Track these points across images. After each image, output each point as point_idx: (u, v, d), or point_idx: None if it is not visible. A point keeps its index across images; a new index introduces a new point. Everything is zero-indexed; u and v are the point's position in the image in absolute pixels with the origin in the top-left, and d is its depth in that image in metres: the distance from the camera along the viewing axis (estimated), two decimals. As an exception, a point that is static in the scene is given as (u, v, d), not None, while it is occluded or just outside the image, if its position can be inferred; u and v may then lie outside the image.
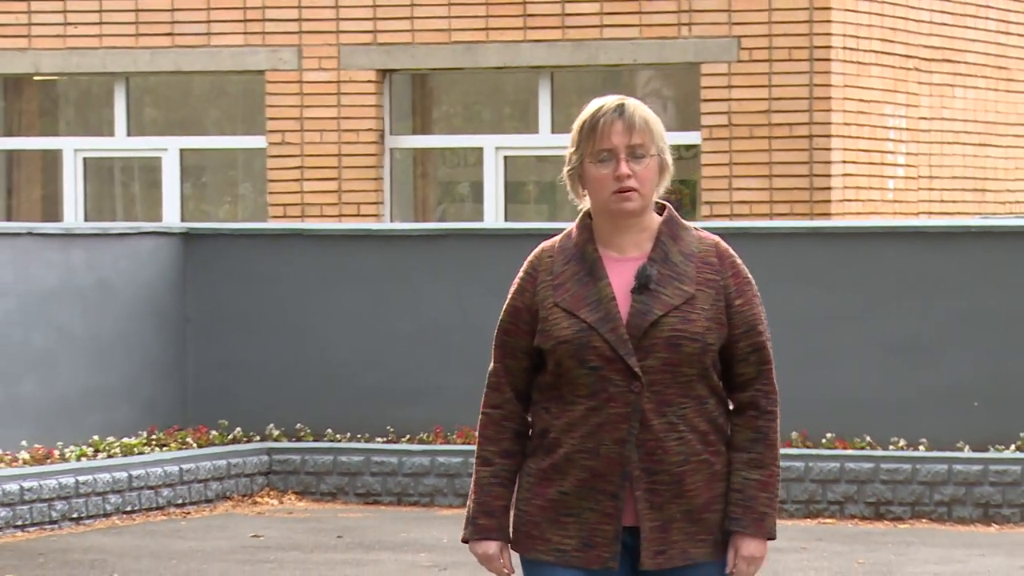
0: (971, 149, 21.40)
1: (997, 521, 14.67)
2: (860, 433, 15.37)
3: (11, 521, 14.19)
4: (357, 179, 20.39)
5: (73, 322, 15.66)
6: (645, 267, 5.15)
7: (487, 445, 5.31)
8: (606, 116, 5.16)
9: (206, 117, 21.54)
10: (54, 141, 21.60)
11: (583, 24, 19.68)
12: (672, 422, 5.13)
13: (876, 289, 15.49)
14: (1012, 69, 22.04)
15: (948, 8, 20.95)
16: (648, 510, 5.14)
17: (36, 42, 21.07)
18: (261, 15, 20.49)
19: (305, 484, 15.88)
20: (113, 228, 17.02)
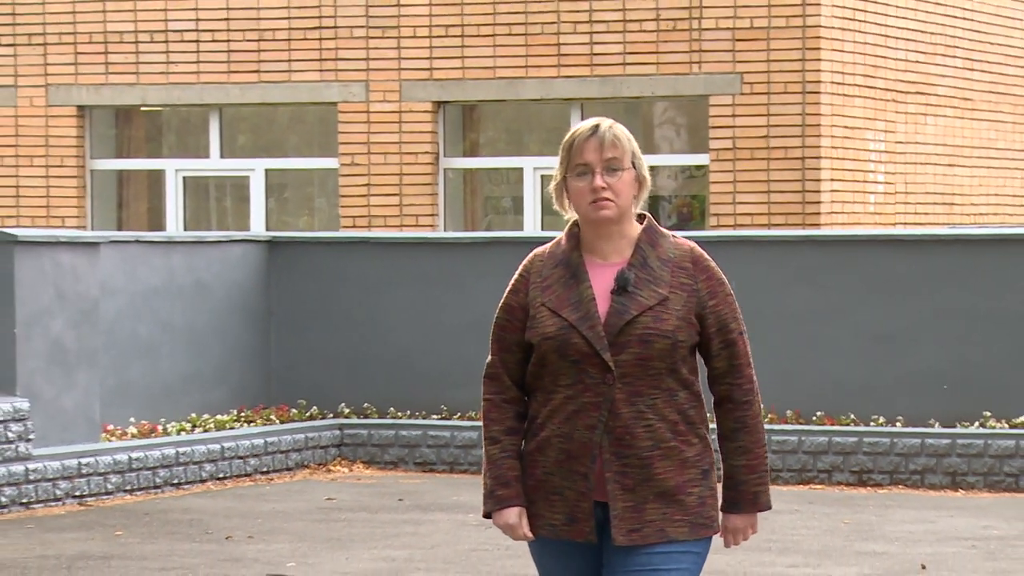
0: (941, 169, 21.32)
1: (963, 487, 14.62)
2: (845, 411, 15.35)
3: (121, 486, 14.25)
4: (415, 195, 20.40)
5: (174, 317, 15.71)
6: (624, 272, 5.07)
7: (493, 426, 5.21)
8: (581, 135, 5.08)
9: (287, 142, 21.56)
10: (158, 163, 21.61)
11: (608, 62, 19.69)
12: (641, 411, 5.04)
13: (859, 288, 15.46)
14: (975, 100, 21.93)
15: (921, 48, 20.90)
16: (619, 491, 5.04)
17: (143, 78, 21.11)
18: (334, 55, 20.50)
19: (371, 455, 15.91)
20: (208, 236, 17.06)
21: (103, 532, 12.65)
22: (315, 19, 20.56)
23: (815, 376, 15.42)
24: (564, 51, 19.74)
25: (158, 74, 21.03)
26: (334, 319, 16.32)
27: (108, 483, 14.19)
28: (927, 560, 11.44)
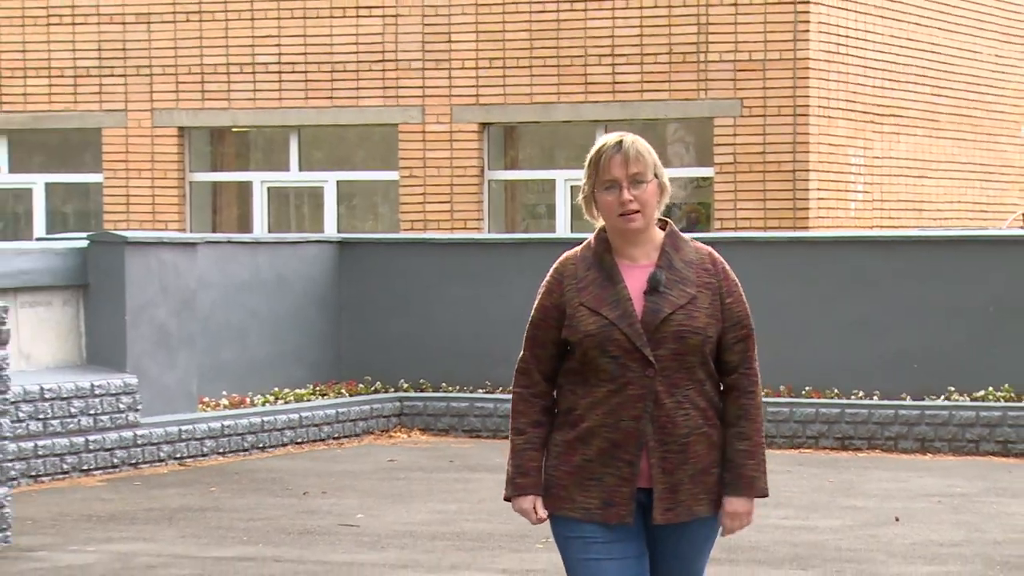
0: (911, 181, 21.28)
1: (931, 452, 14.58)
2: (830, 386, 15.34)
3: (215, 449, 14.30)
4: (464, 202, 20.41)
5: (259, 306, 15.75)
6: (656, 273, 4.86)
7: (520, 418, 4.97)
8: (607, 152, 4.86)
9: (355, 157, 21.57)
10: (246, 175, 21.67)
11: (628, 90, 19.69)
12: (679, 401, 4.83)
13: (842, 282, 15.44)
14: (941, 122, 21.87)
15: (895, 77, 20.85)
16: (661, 474, 4.83)
17: (234, 103, 21.16)
18: (395, 84, 20.52)
19: (426, 423, 15.93)
20: (288, 238, 17.11)
21: (200, 488, 12.69)
22: (379, 53, 20.58)
23: (804, 356, 15.40)
24: (590, 80, 19.73)
25: (246, 100, 21.08)
26: (394, 308, 16.33)
27: (204, 447, 14.24)
28: (900, 513, 11.42)
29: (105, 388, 13.44)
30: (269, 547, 10.28)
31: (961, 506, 11.86)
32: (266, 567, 9.65)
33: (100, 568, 9.63)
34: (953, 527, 10.96)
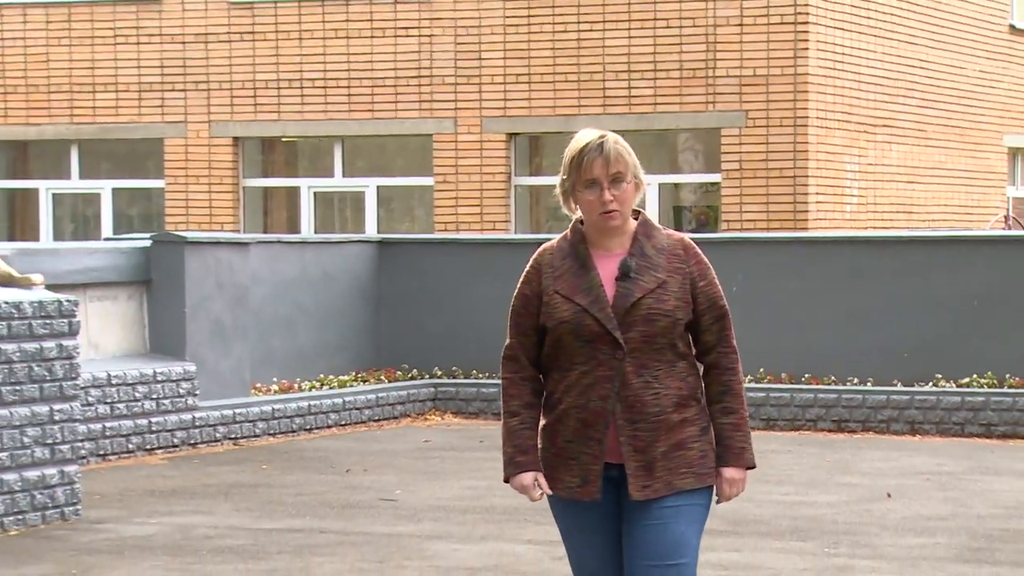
0: (902, 186, 21.26)
1: (920, 433, 14.54)
2: (827, 374, 15.27)
3: (266, 431, 14.31)
4: (493, 206, 20.41)
5: (306, 300, 15.75)
6: (626, 260, 4.72)
7: (512, 401, 4.83)
8: (590, 153, 4.68)
9: (393, 165, 21.58)
10: (294, 181, 21.68)
11: (643, 103, 19.67)
12: (648, 381, 4.67)
13: (838, 278, 15.37)
14: (929, 132, 21.84)
15: (887, 91, 20.81)
16: (632, 452, 4.67)
17: (283, 115, 21.19)
18: (430, 97, 20.52)
19: (458, 407, 15.92)
20: (332, 238, 17.10)
21: (252, 466, 12.71)
22: (415, 69, 20.59)
23: (803, 346, 15.37)
24: (608, 94, 19.71)
25: (295, 112, 21.11)
26: (429, 302, 16.32)
27: (256, 428, 14.25)
28: (892, 489, 11.40)
29: (166, 375, 13.47)
30: (315, 520, 10.30)
31: (947, 483, 11.83)
32: (312, 538, 9.66)
33: (162, 539, 9.65)
34: (940, 503, 10.94)
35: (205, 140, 21.45)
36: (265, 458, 13.16)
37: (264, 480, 12.00)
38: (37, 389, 10.05)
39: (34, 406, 10.03)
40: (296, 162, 21.95)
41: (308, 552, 9.23)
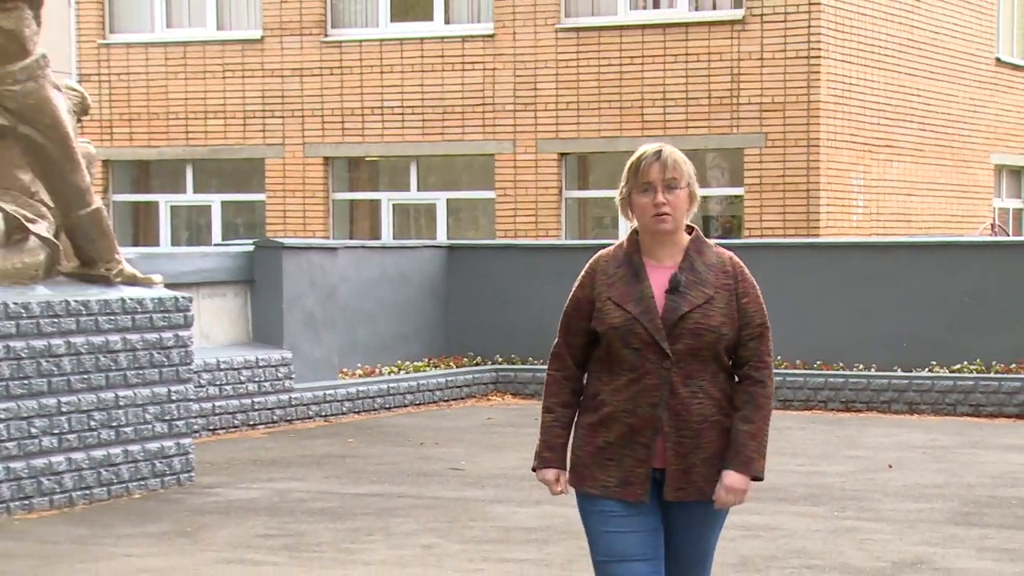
0: (901, 198, 21.17)
1: (917, 413, 14.48)
2: (836, 360, 15.23)
3: (352, 409, 14.35)
4: (546, 215, 20.41)
5: (386, 296, 15.79)
6: (676, 275, 4.32)
7: (551, 398, 4.47)
8: (647, 159, 4.35)
9: (461, 180, 21.60)
10: (376, 194, 21.74)
11: (676, 126, 19.63)
12: (693, 391, 4.29)
13: (846, 278, 15.32)
14: (926, 151, 21.74)
15: (888, 115, 20.74)
16: (674, 457, 4.30)
17: (367, 138, 21.25)
18: (493, 122, 20.55)
19: (517, 389, 15.91)
20: (408, 243, 17.15)
21: (340, 440, 12.75)
22: (479, 98, 20.61)
23: (816, 337, 15.33)
24: (646, 119, 19.69)
25: (376, 136, 21.18)
26: (491, 298, 16.32)
27: (343, 407, 14.30)
28: (893, 461, 11.36)
29: (267, 361, 13.52)
30: (394, 486, 10.32)
31: (941, 456, 11.77)
32: (391, 501, 9.68)
33: (263, 501, 9.69)
34: (935, 473, 10.89)
35: (300, 160, 21.54)
36: (351, 433, 13.20)
37: (350, 452, 12.04)
38: (157, 373, 10.11)
39: (154, 387, 10.10)
40: (377, 178, 22.01)
41: (387, 514, 9.25)
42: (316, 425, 13.74)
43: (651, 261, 4.38)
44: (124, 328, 9.90)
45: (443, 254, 16.64)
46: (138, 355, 9.97)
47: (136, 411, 9.94)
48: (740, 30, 19.36)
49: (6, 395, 9.09)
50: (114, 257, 10.18)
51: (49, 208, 9.96)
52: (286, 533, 8.62)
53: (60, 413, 9.45)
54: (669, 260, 4.38)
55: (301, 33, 21.30)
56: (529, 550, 8.07)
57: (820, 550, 8.06)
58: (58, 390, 9.44)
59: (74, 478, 9.55)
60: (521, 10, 20.27)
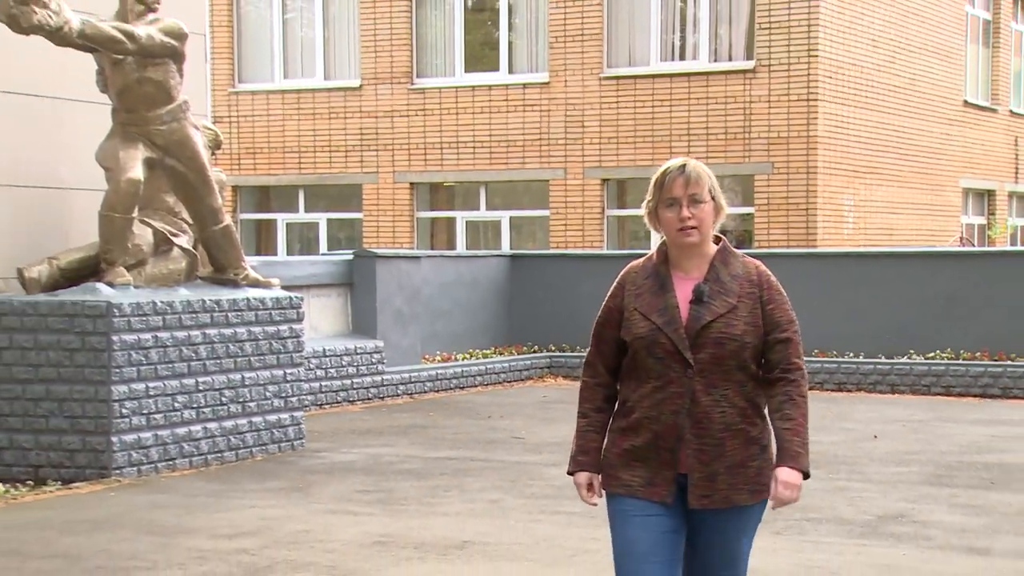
0: (885, 216, 20.98)
1: (898, 393, 14.39)
2: (831, 349, 15.15)
3: (432, 388, 14.39)
4: (591, 230, 20.36)
5: (460, 296, 15.83)
6: (700, 285, 3.75)
7: (585, 404, 3.90)
8: (672, 173, 3.81)
9: (521, 201, 21.51)
10: (452, 213, 21.76)
11: (698, 156, 19.37)
12: (716, 399, 3.69)
13: (839, 282, 15.25)
14: (905, 176, 21.60)
15: (875, 147, 20.60)
16: (697, 464, 3.70)
17: (445, 167, 21.29)
18: (549, 153, 20.54)
19: (567, 372, 15.88)
20: (478, 253, 17.16)
21: (422, 413, 12.78)
22: (536, 134, 20.62)
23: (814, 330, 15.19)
24: (673, 150, 19.59)
25: (453, 164, 21.22)
26: (546, 298, 16.33)
27: (425, 387, 14.34)
28: (877, 432, 11.29)
29: (363, 348, 13.59)
30: (466, 451, 10.34)
31: (918, 428, 11.67)
32: (464, 464, 9.69)
33: (360, 463, 9.74)
34: (913, 442, 10.81)
35: (390, 185, 21.62)
36: (431, 408, 13.23)
37: (431, 423, 12.07)
38: (275, 358, 10.18)
39: (273, 370, 10.17)
40: (453, 200, 22.05)
41: (461, 474, 9.27)
42: (403, 401, 13.79)
43: (678, 272, 3.82)
44: (249, 322, 9.98)
45: (506, 262, 16.63)
46: (260, 344, 10.04)
47: (258, 389, 10.02)
48: (751, 78, 19.25)
49: (154, 376, 9.18)
50: (241, 264, 10.26)
51: (189, 224, 10.06)
52: (379, 489, 8.66)
53: (197, 391, 9.53)
54: (695, 271, 3.81)
55: (392, 82, 21.37)
56: (578, 505, 8.04)
57: (817, 505, 8.01)
58: (196, 372, 9.52)
59: (208, 443, 9.64)
60: (571, 62, 20.27)
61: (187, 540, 7.14)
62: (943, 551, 6.88)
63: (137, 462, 9.05)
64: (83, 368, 8.89)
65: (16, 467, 9.01)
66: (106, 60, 9.39)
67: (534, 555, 6.62)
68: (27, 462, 9.00)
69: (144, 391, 9.07)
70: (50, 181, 10.05)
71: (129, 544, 7.04)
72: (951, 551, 6.88)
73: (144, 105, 9.41)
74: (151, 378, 9.14)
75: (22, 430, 9.01)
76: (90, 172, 9.81)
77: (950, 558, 6.72)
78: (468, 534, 7.24)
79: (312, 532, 7.31)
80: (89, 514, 7.83)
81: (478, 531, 7.31)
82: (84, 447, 8.91)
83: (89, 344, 8.87)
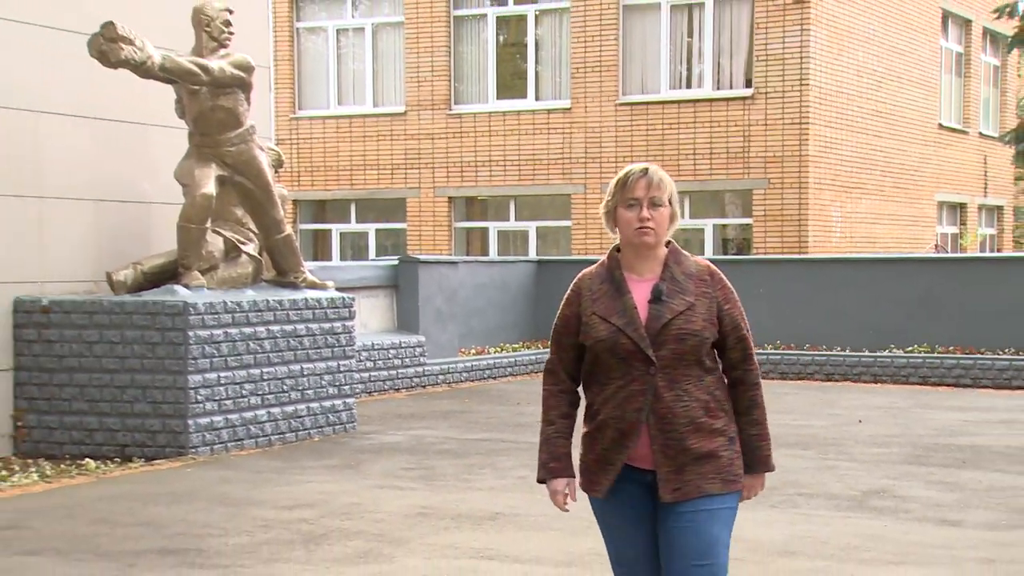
0: (868, 226, 20.86)
1: (880, 382, 14.33)
2: (820, 344, 15.07)
3: (468, 378, 14.37)
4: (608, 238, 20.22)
5: (492, 297, 15.83)
6: (658, 285, 3.37)
7: (550, 411, 3.49)
8: (635, 175, 3.41)
9: (546, 213, 21.46)
10: (485, 223, 21.68)
11: (703, 174, 19.34)
12: (678, 394, 3.32)
13: (828, 284, 15.16)
14: (887, 191, 21.51)
15: (859, 165, 20.54)
16: (663, 459, 3.31)
17: (479, 183, 21.29)
18: (569, 171, 20.52)
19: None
20: (508, 259, 17.12)
21: (459, 400, 12.79)
22: (559, 153, 20.61)
23: (806, 326, 15.20)
24: (681, 168, 19.57)
25: (485, 181, 21.22)
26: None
27: (462, 376, 14.34)
28: (862, 417, 11.23)
29: (407, 343, 13.61)
30: (497, 433, 10.34)
31: (898, 414, 11.61)
32: (496, 445, 9.70)
33: (405, 444, 9.75)
34: (894, 426, 10.75)
35: (431, 199, 21.65)
36: (467, 395, 13.23)
37: (467, 409, 12.07)
38: (330, 351, 10.22)
39: (328, 362, 10.20)
40: (486, 212, 22.04)
41: (494, 453, 9.27)
42: (442, 389, 13.80)
43: (632, 275, 3.44)
44: (307, 320, 10.02)
45: (533, 267, 16.62)
46: (316, 339, 10.08)
47: (315, 379, 10.06)
48: (750, 104, 19.18)
49: (225, 367, 9.23)
50: (300, 269, 10.31)
51: (255, 234, 10.12)
52: (421, 467, 8.67)
53: (262, 380, 9.58)
54: (649, 273, 3.43)
55: (433, 108, 21.40)
56: (596, 480, 8.06)
57: (808, 482, 7.98)
58: (260, 363, 9.57)
59: (271, 426, 9.68)
60: (590, 90, 20.25)
61: (253, 510, 7.17)
62: (920, 523, 6.84)
63: (210, 442, 9.11)
64: (163, 360, 8.95)
65: (105, 446, 9.09)
66: (184, 90, 9.46)
67: (558, 525, 6.63)
68: (115, 442, 9.08)
69: (216, 380, 9.12)
70: (134, 196, 10.13)
71: (203, 514, 7.08)
72: (927, 523, 6.84)
73: (216, 129, 9.48)
74: (222, 368, 9.19)
75: (110, 414, 9.08)
76: (169, 188, 9.90)
77: (926, 529, 6.69)
78: (499, 507, 7.23)
79: (362, 504, 7.33)
80: (169, 487, 7.89)
81: (508, 504, 7.31)
82: (164, 429, 8.97)
83: (168, 339, 8.93)
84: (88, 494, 7.72)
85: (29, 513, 7.14)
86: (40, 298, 9.22)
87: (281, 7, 21.89)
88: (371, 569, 5.82)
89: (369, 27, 21.88)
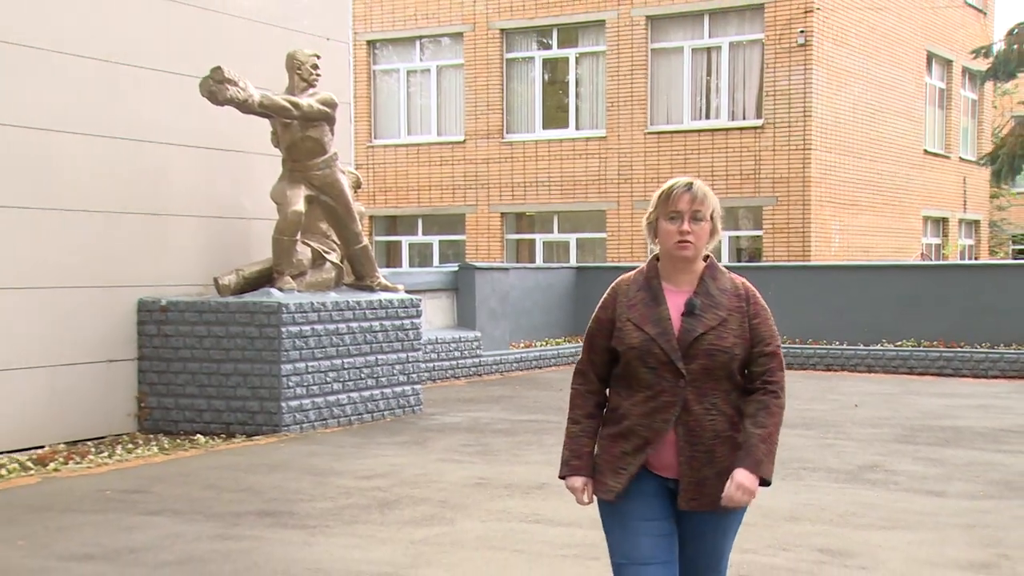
0: (864, 237, 20.64)
1: (873, 372, 14.17)
2: (822, 338, 14.91)
3: (518, 368, 14.35)
4: (639, 247, 20.20)
5: (537, 298, 15.82)
6: (692, 299, 2.98)
7: (576, 410, 3.08)
8: (678, 189, 3.02)
9: (586, 226, 21.44)
10: (532, 235, 21.64)
11: (719, 193, 19.26)
12: (707, 408, 2.92)
13: (828, 287, 15.02)
14: (879, 207, 21.25)
15: (856, 184, 20.30)
16: (688, 470, 2.93)
17: (527, 201, 21.28)
18: (605, 189, 20.45)
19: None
20: (552, 265, 17.07)
21: (511, 386, 12.79)
22: (596, 174, 20.56)
23: (809, 323, 15.06)
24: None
25: (532, 198, 21.22)
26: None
27: (512, 366, 14.34)
28: (858, 402, 11.10)
29: (466, 338, 13.64)
30: (543, 415, 10.33)
31: (890, 399, 11.46)
32: (543, 425, 9.69)
33: (464, 424, 9.77)
34: (885, 409, 10.61)
35: (486, 215, 21.67)
36: (518, 383, 13.21)
37: (517, 394, 12.07)
38: (400, 345, 10.26)
39: (399, 354, 10.25)
40: (534, 226, 22.03)
41: (541, 432, 9.26)
42: (495, 378, 13.81)
43: (669, 286, 3.04)
44: (381, 317, 10.08)
45: (574, 272, 16.56)
46: (389, 334, 10.13)
47: (388, 368, 10.11)
48: (760, 132, 19.01)
49: (312, 358, 9.32)
50: (375, 275, 10.38)
51: (337, 245, 10.21)
52: (478, 444, 8.68)
53: (343, 369, 9.64)
54: (686, 285, 3.04)
55: (488, 136, 21.44)
56: (627, 455, 8.02)
57: (811, 458, 7.90)
58: (342, 355, 9.64)
59: (351, 408, 9.75)
60: (623, 121, 20.18)
61: (336, 480, 7.22)
62: (908, 493, 6.76)
63: (300, 421, 9.18)
64: (261, 351, 9.05)
65: (213, 424, 9.20)
66: (278, 123, 9.58)
67: (594, 494, 6.61)
68: (221, 420, 9.19)
69: (304, 369, 9.19)
70: (237, 213, 10.26)
71: (295, 482, 7.15)
72: (914, 493, 6.76)
73: (306, 156, 9.59)
74: (309, 359, 9.26)
75: (217, 397, 9.20)
76: (266, 206, 10.02)
77: (913, 498, 6.60)
78: (545, 478, 7.23)
79: (428, 475, 7.35)
80: (265, 459, 7.97)
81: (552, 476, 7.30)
82: (261, 410, 9.06)
83: (265, 334, 9.03)
84: (199, 464, 7.82)
85: (151, 480, 7.25)
86: (159, 299, 9.36)
87: (360, 52, 22.07)
88: (436, 530, 5.83)
89: (434, 68, 21.94)
